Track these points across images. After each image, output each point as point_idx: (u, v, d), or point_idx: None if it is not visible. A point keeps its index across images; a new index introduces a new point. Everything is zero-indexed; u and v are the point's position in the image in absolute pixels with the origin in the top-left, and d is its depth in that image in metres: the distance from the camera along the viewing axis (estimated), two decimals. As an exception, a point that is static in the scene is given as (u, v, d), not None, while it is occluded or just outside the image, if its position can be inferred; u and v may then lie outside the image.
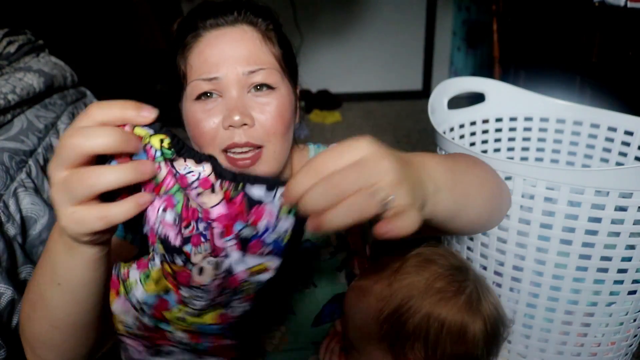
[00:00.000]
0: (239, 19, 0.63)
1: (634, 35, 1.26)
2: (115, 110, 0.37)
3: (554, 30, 1.64)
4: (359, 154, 0.34)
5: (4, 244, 0.94)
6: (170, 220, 0.42)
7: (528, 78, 1.80)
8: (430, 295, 0.56)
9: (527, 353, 0.83)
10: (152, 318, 0.46)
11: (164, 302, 0.45)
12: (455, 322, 0.55)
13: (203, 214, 0.41)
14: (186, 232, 0.42)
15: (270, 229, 0.40)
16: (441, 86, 0.94)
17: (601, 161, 0.97)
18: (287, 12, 2.81)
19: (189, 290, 0.44)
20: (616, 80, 1.35)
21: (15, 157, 1.09)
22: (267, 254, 0.41)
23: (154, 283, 0.44)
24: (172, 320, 0.46)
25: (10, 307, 0.91)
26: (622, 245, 0.70)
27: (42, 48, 1.63)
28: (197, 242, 0.42)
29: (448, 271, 0.58)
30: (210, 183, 0.40)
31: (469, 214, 0.50)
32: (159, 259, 0.44)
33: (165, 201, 0.41)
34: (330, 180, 0.33)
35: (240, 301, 0.45)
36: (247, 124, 0.60)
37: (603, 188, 0.66)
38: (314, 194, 0.33)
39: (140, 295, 0.45)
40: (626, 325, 0.79)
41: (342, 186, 0.33)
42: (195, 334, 0.48)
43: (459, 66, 3.19)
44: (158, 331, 0.47)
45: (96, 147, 0.36)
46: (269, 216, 0.39)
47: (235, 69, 0.61)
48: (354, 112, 2.98)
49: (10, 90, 1.19)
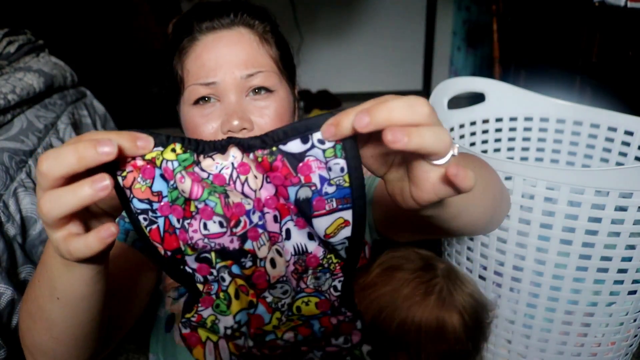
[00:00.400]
0: (236, 21, 0.62)
1: (634, 35, 1.26)
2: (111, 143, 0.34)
3: (554, 30, 1.64)
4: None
5: (3, 244, 0.94)
6: (216, 229, 0.39)
7: (528, 78, 1.79)
8: (401, 303, 0.56)
9: (527, 353, 0.83)
10: (254, 338, 0.44)
11: (257, 318, 0.44)
12: (430, 322, 0.56)
13: (255, 204, 0.38)
14: (239, 230, 0.40)
15: (326, 179, 0.37)
16: (441, 86, 0.94)
17: (601, 161, 0.97)
18: (287, 12, 2.81)
19: (271, 291, 0.42)
20: (616, 80, 1.35)
21: (15, 157, 1.09)
22: (337, 206, 0.38)
23: (235, 300, 0.42)
24: (274, 329, 0.45)
25: (10, 307, 0.91)
26: (622, 245, 0.70)
27: (42, 48, 1.63)
28: (255, 236, 0.40)
29: (414, 274, 0.58)
30: (248, 166, 0.37)
31: (473, 213, 0.50)
32: (227, 275, 0.42)
33: (201, 214, 0.38)
34: (414, 105, 0.31)
35: (331, 279, 0.43)
36: (246, 128, 0.60)
37: (603, 188, 0.66)
38: (394, 108, 0.31)
39: (228, 322, 0.43)
40: (626, 325, 0.79)
41: (419, 110, 0.31)
42: (303, 326, 0.46)
43: (459, 66, 3.19)
44: (265, 345, 0.45)
45: (64, 167, 0.32)
46: (317, 166, 0.36)
47: (233, 73, 0.60)
48: (354, 112, 2.98)
49: (10, 90, 1.19)
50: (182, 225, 0.39)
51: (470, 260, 0.83)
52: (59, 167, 0.31)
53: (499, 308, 0.82)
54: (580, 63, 1.49)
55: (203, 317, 0.44)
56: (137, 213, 0.37)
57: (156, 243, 0.39)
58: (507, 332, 0.83)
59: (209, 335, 0.46)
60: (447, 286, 0.58)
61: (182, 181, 0.36)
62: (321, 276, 0.43)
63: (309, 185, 0.37)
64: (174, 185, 0.37)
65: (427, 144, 0.31)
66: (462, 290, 0.59)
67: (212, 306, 0.44)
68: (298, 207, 0.38)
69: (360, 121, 0.31)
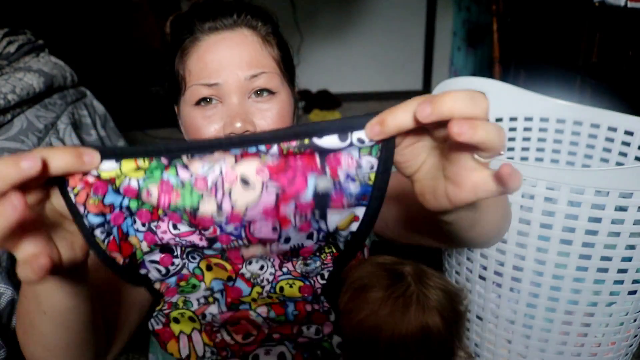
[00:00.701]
0: (238, 22, 0.62)
1: (634, 35, 1.26)
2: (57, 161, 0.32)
3: (554, 30, 1.64)
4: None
5: (3, 244, 0.94)
6: (186, 228, 0.39)
7: (528, 78, 1.79)
8: (383, 325, 0.55)
9: (527, 353, 0.83)
10: (230, 305, 0.44)
11: (235, 290, 0.44)
12: (415, 331, 0.55)
13: (228, 218, 0.37)
14: (208, 234, 0.39)
15: (350, 176, 0.36)
16: (441, 86, 0.94)
17: (601, 161, 0.97)
18: (287, 12, 2.81)
19: (248, 267, 0.42)
20: (616, 80, 1.35)
21: (15, 157, 1.09)
22: (355, 202, 0.37)
23: (207, 272, 0.43)
24: (250, 301, 0.44)
25: (10, 307, 0.91)
26: (622, 245, 0.70)
27: (42, 48, 1.63)
28: (226, 240, 0.39)
29: (387, 292, 0.57)
30: (236, 176, 0.35)
31: (486, 225, 0.51)
32: (196, 255, 0.41)
33: (169, 217, 0.38)
34: (476, 98, 0.31)
35: (320, 267, 0.43)
36: (249, 131, 0.59)
37: (603, 188, 0.66)
38: (457, 99, 0.30)
39: (200, 293, 0.42)
40: (626, 325, 0.79)
41: (480, 103, 0.31)
42: (278, 304, 0.45)
43: (459, 66, 3.19)
44: (236, 313, 0.45)
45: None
46: (347, 163, 0.35)
47: (236, 74, 0.59)
48: (353, 112, 2.98)
49: (10, 90, 1.19)
50: (148, 228, 0.39)
51: (470, 260, 0.83)
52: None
53: (498, 308, 0.82)
54: (580, 63, 1.49)
55: (173, 302, 0.45)
56: (94, 227, 0.37)
57: (114, 253, 0.39)
58: (507, 332, 0.83)
59: (182, 329, 0.46)
60: (421, 290, 0.58)
61: (149, 196, 0.36)
62: (311, 263, 0.43)
63: (331, 178, 0.35)
64: (138, 198, 0.37)
65: (490, 138, 0.30)
66: (434, 287, 0.59)
67: (177, 291, 0.44)
68: (315, 199, 0.37)
69: (423, 111, 0.30)
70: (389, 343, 0.55)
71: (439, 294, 0.59)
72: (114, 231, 0.38)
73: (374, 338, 0.55)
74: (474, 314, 0.87)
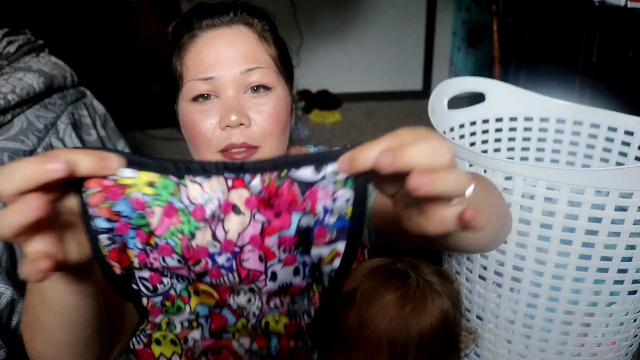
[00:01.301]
0: (235, 19, 0.63)
1: (634, 35, 1.26)
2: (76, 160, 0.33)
3: (554, 30, 1.64)
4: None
5: (3, 244, 0.94)
6: (175, 264, 0.40)
7: (528, 78, 1.80)
8: (409, 322, 0.55)
9: (527, 353, 0.83)
10: (213, 332, 0.44)
11: (221, 318, 0.43)
12: (439, 319, 0.57)
13: (222, 246, 0.38)
14: (197, 269, 0.40)
15: (328, 210, 0.36)
16: (441, 86, 0.94)
17: (601, 161, 0.97)
18: (287, 12, 2.81)
19: (235, 298, 0.42)
20: (616, 80, 1.35)
21: (15, 157, 1.09)
22: (335, 237, 0.37)
23: (194, 296, 0.42)
24: (235, 331, 0.44)
25: (10, 307, 0.91)
26: (622, 246, 0.70)
27: (42, 48, 1.63)
28: (216, 274, 0.40)
29: (401, 292, 0.57)
30: (231, 206, 0.36)
31: (476, 236, 0.51)
32: (183, 283, 0.42)
33: (160, 250, 0.39)
34: (438, 149, 0.31)
35: (307, 305, 0.43)
36: (244, 124, 0.60)
37: (603, 188, 0.66)
38: (420, 152, 0.30)
39: (184, 316, 0.42)
40: (626, 325, 0.79)
41: (443, 155, 0.31)
42: (262, 336, 0.46)
43: (459, 66, 3.19)
44: (220, 341, 0.45)
45: (14, 185, 0.31)
46: (324, 196, 0.36)
47: (232, 69, 0.60)
48: (354, 112, 2.98)
49: (10, 90, 1.19)
50: (143, 248, 0.39)
51: (470, 260, 0.83)
52: (9, 185, 0.31)
53: (498, 308, 0.82)
54: (580, 63, 1.49)
55: (156, 323, 0.44)
56: (100, 232, 0.37)
57: (113, 262, 0.39)
58: (507, 332, 0.83)
59: (162, 351, 0.46)
60: (426, 280, 0.59)
61: (152, 215, 0.37)
62: (298, 300, 0.43)
63: (312, 214, 0.36)
64: (143, 214, 0.37)
65: (450, 189, 0.30)
66: (431, 274, 0.60)
67: (162, 311, 0.44)
68: (299, 235, 0.38)
69: (383, 160, 0.31)
70: (419, 339, 0.55)
71: (438, 279, 0.60)
72: (117, 240, 0.38)
73: (403, 340, 0.55)
74: (474, 314, 0.87)
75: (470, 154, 0.74)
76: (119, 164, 0.35)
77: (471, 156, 0.75)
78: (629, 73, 1.29)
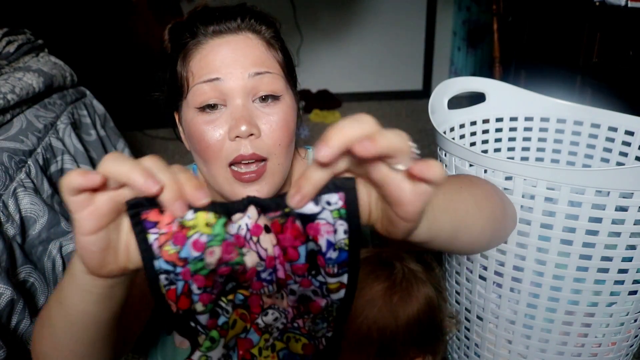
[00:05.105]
0: (242, 26, 0.61)
1: (635, 35, 1.26)
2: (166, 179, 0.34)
3: (555, 30, 1.64)
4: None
5: (3, 244, 0.94)
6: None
7: (528, 78, 1.79)
8: (397, 311, 0.57)
9: (527, 353, 0.83)
10: (241, 359, 0.45)
11: (247, 342, 0.44)
12: (424, 305, 0.58)
13: (267, 263, 0.39)
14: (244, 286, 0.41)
15: (332, 244, 0.37)
16: (441, 86, 0.94)
17: (602, 161, 0.96)
18: (287, 12, 2.81)
19: (264, 318, 0.42)
20: (617, 80, 1.35)
21: (14, 157, 1.09)
22: (337, 271, 0.38)
23: (231, 330, 0.43)
24: (257, 353, 0.45)
25: (9, 307, 0.91)
26: (622, 246, 0.70)
27: (42, 48, 1.63)
28: (258, 286, 0.41)
29: (389, 282, 0.59)
30: (261, 228, 0.37)
31: (471, 233, 0.49)
32: (230, 308, 0.42)
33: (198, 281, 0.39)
34: (358, 119, 0.33)
35: (325, 330, 0.43)
36: (254, 134, 0.59)
37: (604, 188, 0.65)
38: (348, 126, 0.32)
39: (218, 353, 0.43)
40: (627, 325, 0.79)
41: (366, 121, 0.33)
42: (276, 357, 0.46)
43: (459, 66, 3.19)
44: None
45: (113, 173, 0.34)
46: (326, 230, 0.37)
47: (239, 72, 0.59)
48: (354, 112, 2.92)
49: (10, 90, 1.19)
50: (203, 290, 0.40)
51: (470, 260, 0.83)
52: (112, 168, 0.33)
53: (499, 308, 0.82)
54: (581, 63, 1.49)
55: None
56: (159, 272, 0.37)
57: (170, 301, 0.39)
58: (508, 333, 0.83)
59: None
60: (410, 269, 0.60)
61: (212, 255, 0.37)
62: (319, 323, 0.44)
63: (315, 243, 0.37)
64: (202, 256, 0.37)
65: (392, 142, 0.31)
66: (413, 262, 0.62)
67: (202, 347, 0.44)
68: (309, 262, 0.38)
69: (319, 153, 0.32)
70: (406, 326, 0.57)
71: (421, 267, 0.62)
72: (179, 284, 0.38)
73: (392, 327, 0.56)
74: (474, 314, 0.87)
75: (471, 154, 0.74)
76: (206, 197, 0.35)
77: (471, 156, 0.74)
78: (629, 73, 1.29)
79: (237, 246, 0.38)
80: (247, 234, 0.38)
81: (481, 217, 0.51)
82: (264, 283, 0.40)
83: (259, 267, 0.39)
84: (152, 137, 2.59)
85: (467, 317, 0.89)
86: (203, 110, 0.60)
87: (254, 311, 0.43)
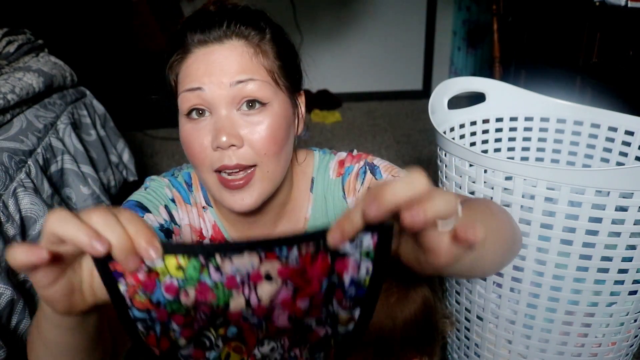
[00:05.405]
0: (228, 33, 0.60)
1: (635, 35, 1.26)
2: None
3: (555, 30, 1.64)
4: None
5: (3, 244, 0.94)
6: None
7: (528, 78, 1.79)
8: (395, 311, 0.58)
9: (527, 353, 0.83)
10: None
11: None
12: (421, 306, 0.59)
13: (256, 311, 0.39)
14: (222, 331, 0.41)
15: (354, 281, 0.37)
16: (441, 86, 0.94)
17: (602, 161, 0.96)
18: (287, 12, 2.81)
19: (260, 349, 0.42)
20: (617, 80, 1.35)
21: (14, 157, 1.09)
22: (351, 305, 0.39)
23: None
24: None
25: (9, 307, 0.91)
26: (622, 246, 0.70)
27: (42, 48, 1.63)
28: (246, 327, 0.41)
29: (387, 282, 0.59)
30: (261, 276, 0.37)
31: (486, 263, 0.50)
32: (221, 343, 0.42)
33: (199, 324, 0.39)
34: (412, 180, 0.32)
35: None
36: (236, 145, 0.59)
37: (604, 188, 0.65)
38: (397, 188, 0.31)
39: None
40: (627, 325, 0.79)
41: (419, 181, 0.32)
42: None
43: (459, 66, 3.19)
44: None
45: (59, 233, 0.33)
46: (353, 267, 0.37)
47: (221, 82, 0.58)
48: (354, 112, 2.98)
49: (10, 90, 1.19)
50: (184, 326, 0.40)
51: (470, 260, 0.83)
52: (57, 229, 0.33)
53: (499, 308, 0.82)
54: (581, 63, 1.49)
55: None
56: (136, 320, 0.37)
57: (152, 347, 0.39)
58: (508, 333, 0.83)
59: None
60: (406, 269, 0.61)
61: (187, 296, 0.37)
62: (317, 354, 0.44)
63: (338, 279, 0.37)
64: (177, 299, 0.37)
65: (440, 210, 0.31)
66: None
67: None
68: (327, 293, 0.39)
69: (370, 211, 0.31)
70: (404, 326, 0.57)
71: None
72: (157, 327, 0.38)
73: (390, 329, 0.57)
74: (474, 314, 0.87)
75: (471, 154, 0.74)
76: (161, 254, 0.34)
77: (471, 156, 0.74)
78: (629, 73, 1.29)
79: (227, 288, 0.38)
80: (247, 279, 0.37)
81: (497, 246, 0.52)
82: (252, 325, 0.40)
83: (244, 313, 0.39)
84: (152, 137, 2.58)
85: (467, 317, 0.89)
86: (190, 117, 0.61)
87: (249, 342, 0.43)
